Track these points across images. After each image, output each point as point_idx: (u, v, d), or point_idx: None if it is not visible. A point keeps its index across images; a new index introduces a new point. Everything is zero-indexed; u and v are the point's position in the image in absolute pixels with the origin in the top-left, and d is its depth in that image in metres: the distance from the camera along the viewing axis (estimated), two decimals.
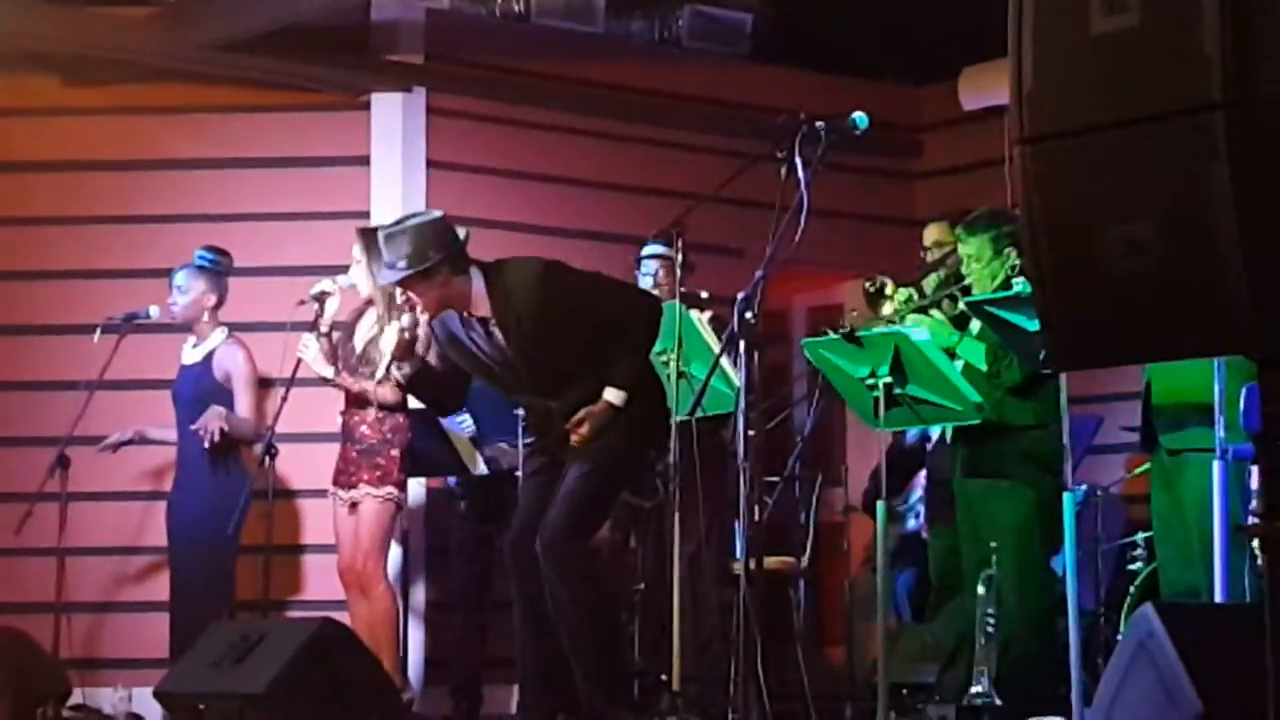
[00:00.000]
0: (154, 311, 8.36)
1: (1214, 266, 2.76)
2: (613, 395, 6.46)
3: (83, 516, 8.69)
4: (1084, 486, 8.22)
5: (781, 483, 8.49)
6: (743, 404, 6.51)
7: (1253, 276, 2.73)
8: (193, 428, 8.01)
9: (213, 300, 8.28)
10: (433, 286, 6.50)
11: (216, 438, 7.96)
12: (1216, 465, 5.29)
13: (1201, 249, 2.78)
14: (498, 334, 6.53)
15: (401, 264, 6.48)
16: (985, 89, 9.69)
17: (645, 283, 8.02)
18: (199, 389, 8.15)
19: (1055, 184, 2.97)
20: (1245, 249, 2.73)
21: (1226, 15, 2.74)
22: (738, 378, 6.64)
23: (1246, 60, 2.73)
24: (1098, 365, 3.12)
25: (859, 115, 6.33)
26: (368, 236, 7.84)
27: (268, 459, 7.51)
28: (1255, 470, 5.44)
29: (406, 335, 7.27)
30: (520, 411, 7.35)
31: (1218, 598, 5.39)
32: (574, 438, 6.44)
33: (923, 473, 8.53)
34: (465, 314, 6.58)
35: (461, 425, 8.21)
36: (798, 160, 6.22)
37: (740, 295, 6.41)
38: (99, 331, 8.30)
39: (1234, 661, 3.48)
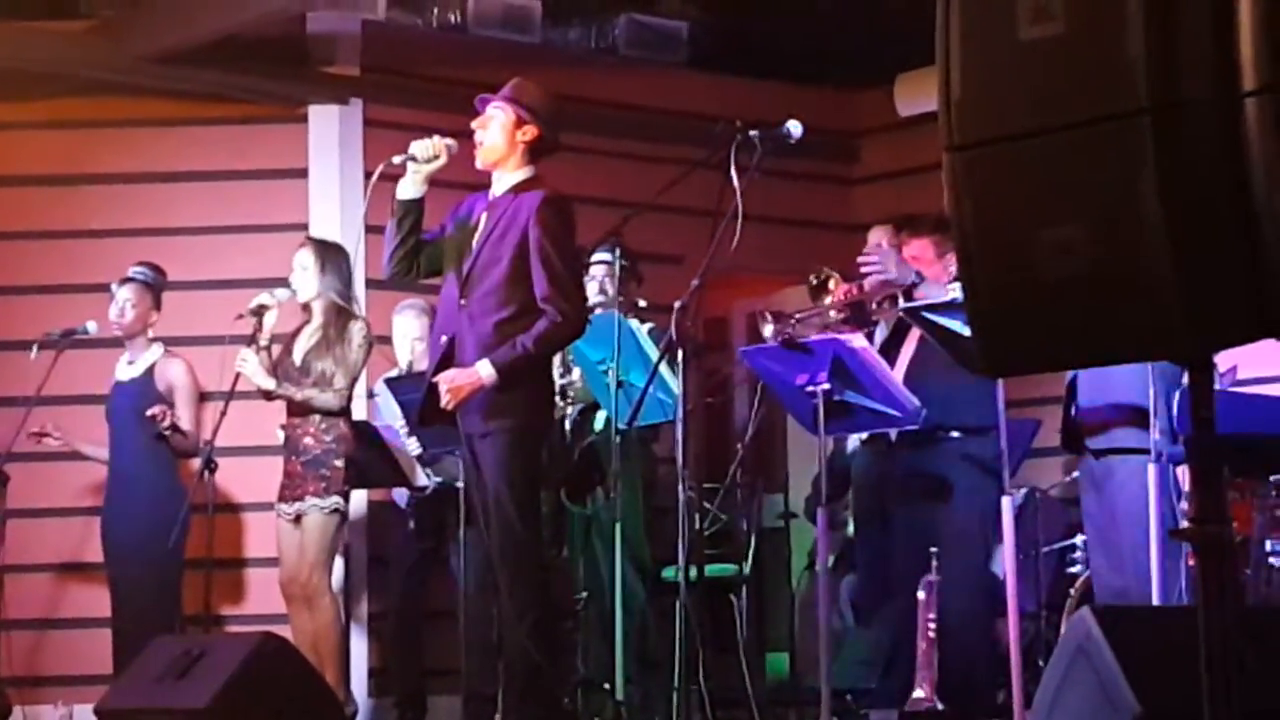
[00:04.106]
0: (91, 327, 8.34)
1: (1144, 271, 2.78)
2: (484, 370, 6.23)
3: (21, 533, 8.64)
4: (1024, 489, 8.27)
5: (723, 490, 8.51)
6: (681, 412, 6.52)
7: (1182, 280, 2.74)
8: (149, 412, 7.96)
9: (154, 315, 8.27)
10: (513, 136, 6.44)
11: (167, 421, 7.91)
12: (1151, 468, 5.32)
13: (1131, 253, 2.79)
14: (485, 216, 6.45)
15: (524, 100, 6.43)
16: (921, 94, 9.72)
17: (591, 288, 8.01)
18: (140, 403, 8.12)
19: (985, 190, 2.97)
20: (1174, 253, 2.74)
21: (1150, 20, 2.76)
22: (677, 386, 6.65)
23: (1171, 64, 2.74)
24: (1030, 371, 3.13)
25: (793, 123, 6.35)
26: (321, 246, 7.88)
27: (207, 473, 7.48)
28: (1184, 472, 5.50)
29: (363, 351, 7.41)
30: None
31: (1154, 600, 5.43)
32: (444, 394, 6.31)
33: None
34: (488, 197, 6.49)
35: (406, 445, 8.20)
36: (733, 168, 6.23)
37: (677, 303, 6.42)
38: (36, 347, 8.27)
39: (1171, 663, 3.50)
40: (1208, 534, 2.85)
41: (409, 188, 6.46)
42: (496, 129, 6.44)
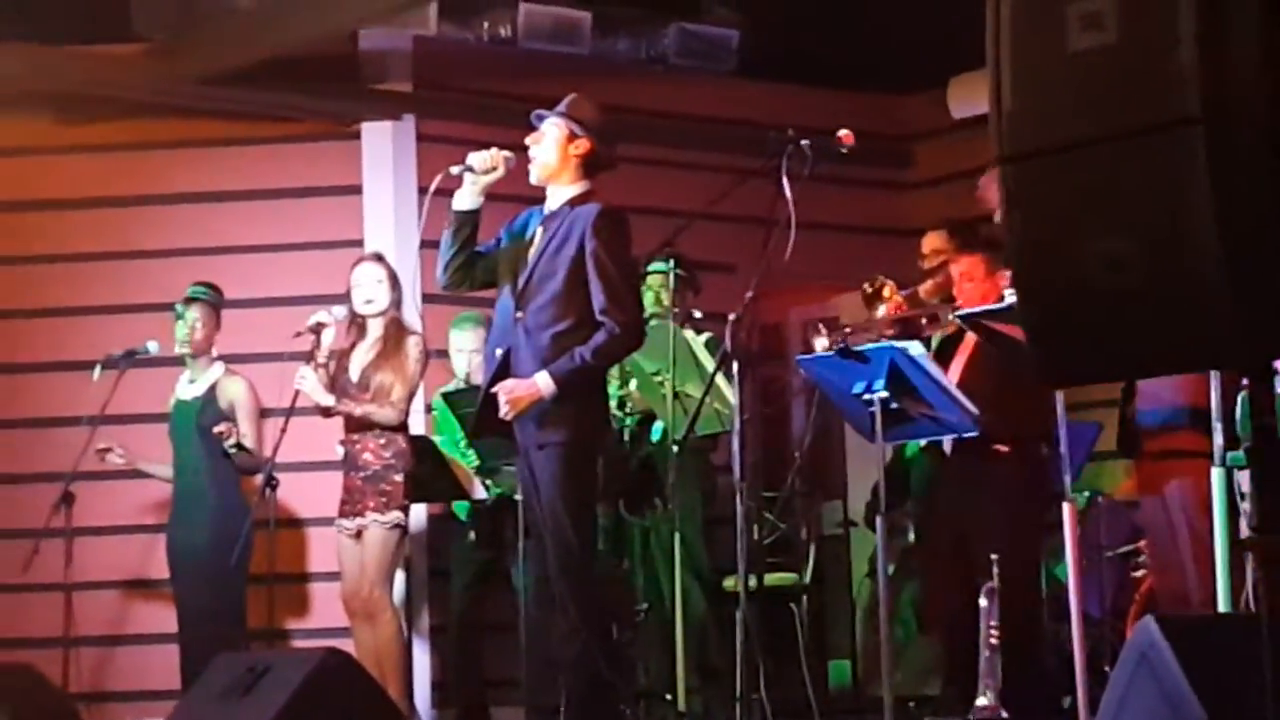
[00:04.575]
0: (153, 347, 8.40)
1: (1196, 281, 2.77)
2: (543, 382, 6.24)
3: (89, 551, 8.71)
4: (1085, 494, 8.23)
5: (781, 499, 8.51)
6: (738, 423, 6.51)
7: (1235, 290, 2.74)
8: (216, 429, 8.02)
9: (217, 334, 8.33)
10: (566, 150, 6.46)
11: (233, 439, 7.97)
12: (1215, 473, 5.28)
13: (1183, 263, 2.79)
14: (539, 231, 6.49)
15: (577, 114, 6.48)
16: (974, 96, 9.71)
17: (647, 299, 8.03)
18: (203, 421, 8.18)
19: (1037, 202, 2.97)
20: (1227, 263, 2.74)
21: (1202, 30, 2.75)
22: (733, 396, 6.65)
23: (1223, 74, 2.74)
24: (1084, 382, 3.14)
25: (844, 132, 6.35)
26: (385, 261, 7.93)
27: (268, 489, 7.53)
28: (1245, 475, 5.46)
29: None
30: None
31: (1219, 607, 5.39)
32: (503, 404, 6.34)
33: None
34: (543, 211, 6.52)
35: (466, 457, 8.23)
36: (784, 178, 6.23)
37: (731, 315, 6.42)
38: (98, 368, 8.33)
39: (1237, 672, 3.48)
40: (1271, 543, 2.84)
41: (465, 199, 6.49)
42: (550, 144, 6.46)
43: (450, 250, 6.51)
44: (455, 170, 6.46)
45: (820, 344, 6.99)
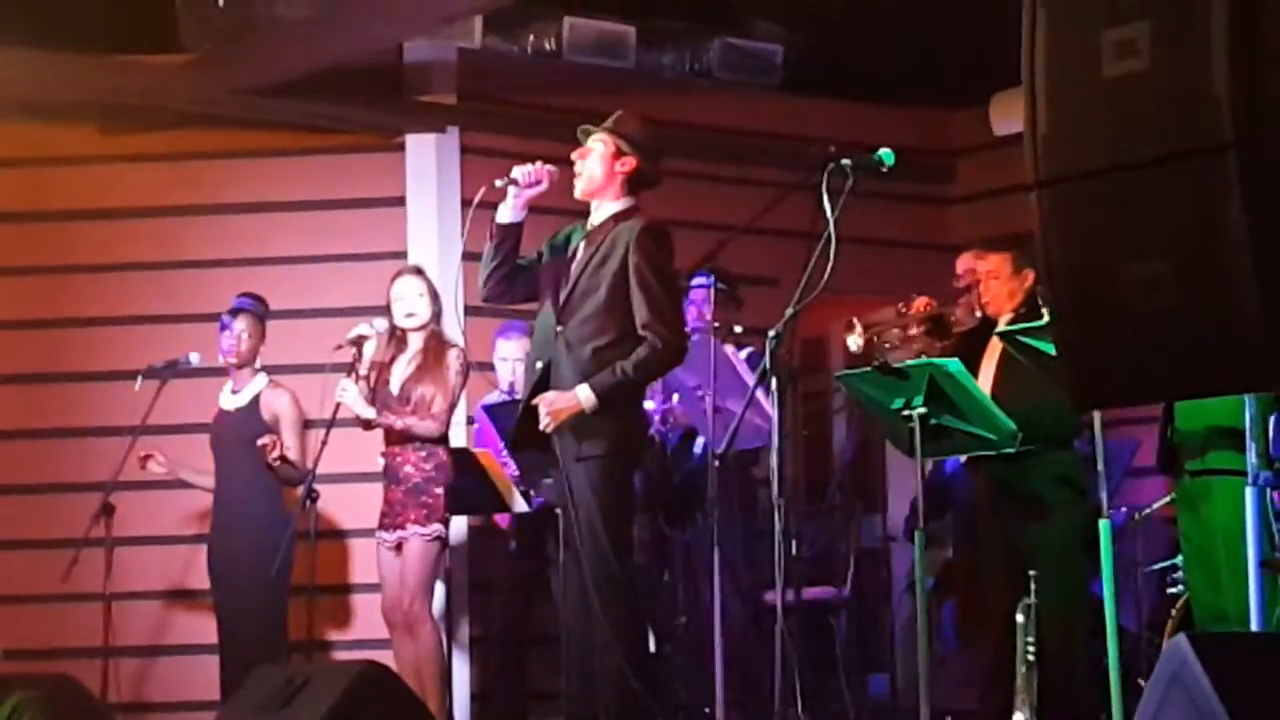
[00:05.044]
0: (194, 359, 8.45)
1: (1231, 304, 2.79)
2: (584, 394, 6.28)
3: (129, 561, 8.77)
4: (1124, 509, 8.23)
5: (822, 513, 8.52)
6: (776, 440, 6.53)
7: (1269, 313, 2.75)
8: (260, 442, 8.05)
9: (261, 345, 8.38)
10: (612, 166, 6.50)
11: (277, 452, 8.02)
12: (1249, 492, 5.28)
13: (1218, 287, 2.80)
14: (581, 246, 6.52)
15: (624, 131, 6.51)
16: (1017, 114, 9.63)
17: (690, 313, 8.06)
18: (246, 432, 8.20)
19: (1072, 226, 3.00)
20: (1260, 285, 2.75)
21: (1235, 56, 2.77)
22: (773, 412, 6.66)
23: (1256, 100, 2.75)
24: (1120, 404, 3.15)
25: (885, 151, 6.34)
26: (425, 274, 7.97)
27: (309, 502, 7.57)
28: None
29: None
30: None
31: (1253, 626, 5.38)
32: (543, 416, 6.38)
33: None
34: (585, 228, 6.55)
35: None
36: (825, 195, 6.25)
37: (771, 332, 6.44)
38: (140, 378, 8.38)
39: (1269, 691, 3.49)
40: None
41: (508, 212, 6.52)
42: (595, 160, 6.50)
43: (492, 262, 6.56)
44: (499, 184, 6.50)
45: (852, 340, 7.00)
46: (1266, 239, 2.74)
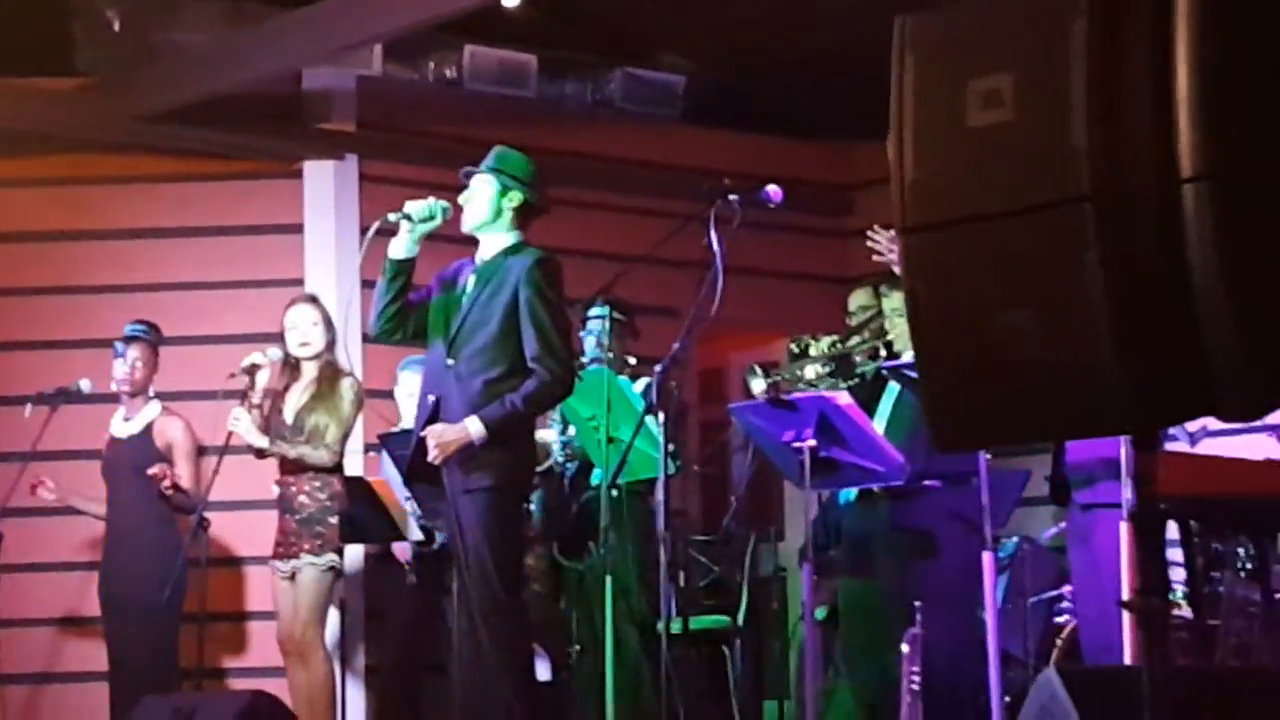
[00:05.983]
0: (85, 385, 8.39)
1: (1089, 352, 2.84)
2: (473, 427, 6.28)
3: (18, 588, 8.70)
4: (1014, 539, 8.30)
5: (718, 542, 8.55)
6: (663, 474, 6.57)
7: (1124, 362, 2.80)
8: (151, 471, 8.01)
9: (154, 372, 8.34)
10: (499, 205, 6.51)
11: (168, 481, 7.98)
12: (1124, 526, 5.37)
13: (1077, 335, 2.85)
14: (472, 279, 6.53)
15: (507, 169, 6.53)
16: None
17: (588, 343, 8.09)
18: (139, 460, 8.16)
19: (937, 272, 3.03)
20: (1116, 335, 2.80)
21: (1094, 109, 2.82)
22: (659, 445, 6.70)
23: (1113, 153, 2.80)
24: (979, 448, 3.20)
25: (772, 187, 6.41)
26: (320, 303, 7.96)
27: (199, 530, 7.55)
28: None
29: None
30: None
31: (1125, 659, 5.46)
32: (431, 449, 6.40)
33: None
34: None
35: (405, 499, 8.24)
36: (712, 229, 6.30)
37: (658, 367, 6.48)
38: (29, 405, 8.33)
39: None
40: (1148, 605, 2.91)
41: (401, 247, 6.52)
42: (482, 200, 6.52)
43: (385, 298, 6.54)
44: (392, 218, 6.49)
45: (755, 384, 7.04)
46: (1122, 289, 2.79)
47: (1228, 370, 2.78)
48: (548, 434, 8.17)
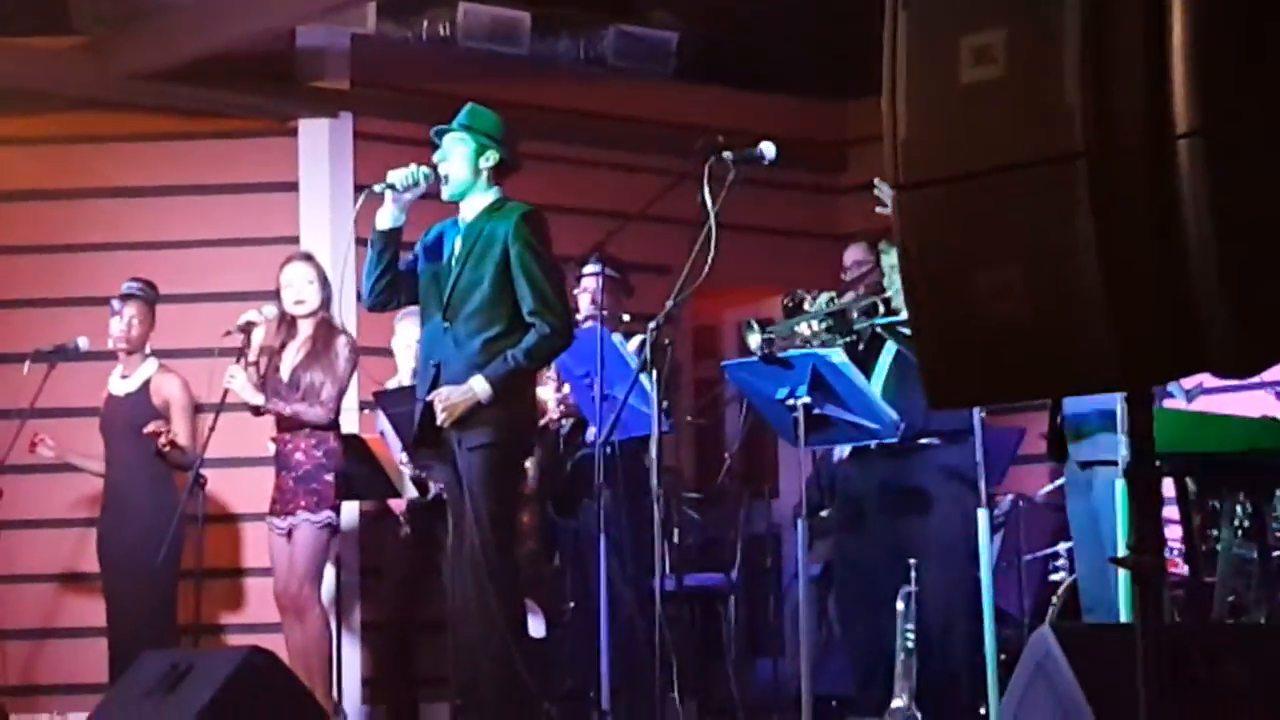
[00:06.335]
0: (83, 343, 8.41)
1: (1080, 309, 2.84)
2: (479, 386, 6.33)
3: (17, 544, 8.74)
4: (1009, 497, 8.33)
5: (711, 499, 8.57)
6: (656, 431, 6.59)
7: (1115, 318, 2.81)
8: (147, 429, 8.04)
9: (151, 330, 8.35)
10: (477, 164, 6.51)
11: (165, 439, 8.00)
12: (1119, 483, 5.38)
13: (1068, 292, 2.85)
14: (458, 243, 6.55)
15: (479, 127, 6.53)
16: None
17: (583, 300, 8.10)
18: (136, 417, 8.18)
19: (929, 230, 3.03)
20: (1108, 292, 2.81)
21: (1087, 65, 2.82)
22: (653, 403, 6.72)
23: (1106, 110, 2.80)
24: (972, 405, 3.21)
25: (766, 145, 6.41)
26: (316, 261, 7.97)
27: (196, 487, 7.58)
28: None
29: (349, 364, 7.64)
30: None
31: (1121, 616, 5.48)
32: (439, 413, 6.42)
33: None
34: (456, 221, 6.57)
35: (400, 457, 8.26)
36: (705, 185, 6.30)
37: (651, 324, 6.49)
38: (28, 363, 8.35)
39: (1132, 682, 3.55)
40: (1143, 563, 2.92)
41: (387, 217, 6.53)
42: (460, 161, 6.53)
43: (375, 270, 6.56)
44: (377, 189, 6.49)
45: (752, 339, 7.06)
46: (1114, 245, 2.80)
47: (1220, 327, 2.79)
48: (545, 390, 8.19)
